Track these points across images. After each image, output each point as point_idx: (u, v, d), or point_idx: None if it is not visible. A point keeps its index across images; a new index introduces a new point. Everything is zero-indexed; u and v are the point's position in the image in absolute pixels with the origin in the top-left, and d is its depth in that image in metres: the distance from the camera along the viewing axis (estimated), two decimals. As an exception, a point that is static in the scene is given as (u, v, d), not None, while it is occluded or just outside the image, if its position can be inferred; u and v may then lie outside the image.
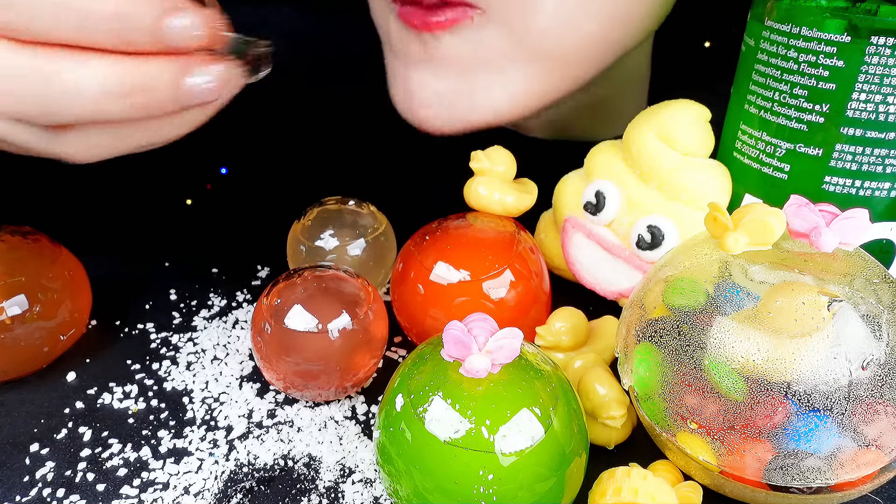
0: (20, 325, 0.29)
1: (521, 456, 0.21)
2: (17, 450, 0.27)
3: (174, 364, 0.32)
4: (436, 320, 0.30)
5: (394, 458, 0.22)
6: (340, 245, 0.33)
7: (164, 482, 0.26)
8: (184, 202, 0.49)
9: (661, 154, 0.30)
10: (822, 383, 0.21)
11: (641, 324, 0.25)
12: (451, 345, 0.22)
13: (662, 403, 0.24)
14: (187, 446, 0.28)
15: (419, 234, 0.32)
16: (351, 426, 0.29)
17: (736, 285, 0.23)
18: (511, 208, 0.32)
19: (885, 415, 0.21)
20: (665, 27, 0.37)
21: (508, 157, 0.32)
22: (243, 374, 0.32)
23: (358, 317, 0.28)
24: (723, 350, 0.22)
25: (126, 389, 0.30)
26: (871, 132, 0.26)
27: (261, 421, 0.29)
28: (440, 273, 0.29)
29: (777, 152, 0.28)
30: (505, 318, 0.29)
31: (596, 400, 0.26)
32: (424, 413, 0.22)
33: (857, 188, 0.27)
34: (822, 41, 0.26)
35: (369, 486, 0.26)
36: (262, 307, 0.28)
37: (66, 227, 0.35)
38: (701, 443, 0.23)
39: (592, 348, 0.30)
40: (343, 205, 0.35)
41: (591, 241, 0.33)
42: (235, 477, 0.26)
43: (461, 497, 0.21)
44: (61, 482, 0.26)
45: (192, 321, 0.35)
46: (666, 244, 0.30)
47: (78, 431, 0.28)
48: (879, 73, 0.25)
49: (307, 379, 0.28)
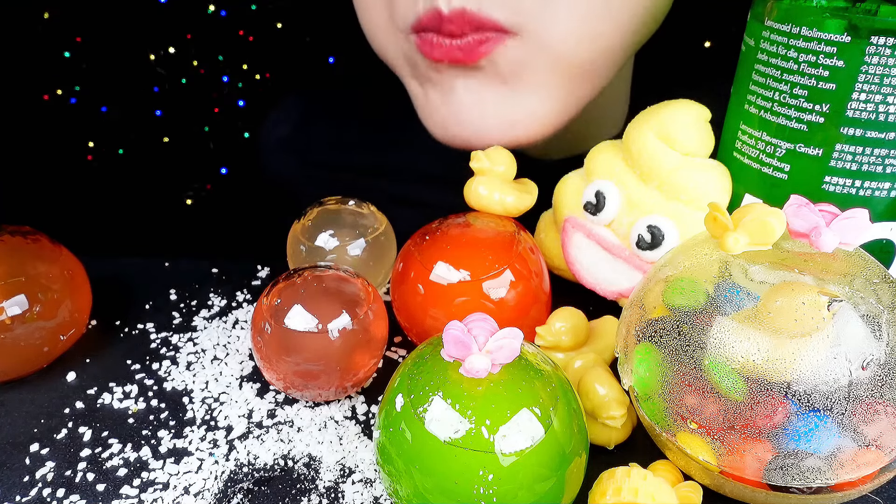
0: (20, 325, 0.29)
1: (521, 456, 0.21)
2: (17, 450, 0.27)
3: (174, 364, 0.32)
4: (436, 320, 0.30)
5: (394, 458, 0.22)
6: (340, 245, 0.33)
7: (164, 482, 0.26)
8: (184, 202, 0.49)
9: (661, 154, 0.30)
10: (822, 383, 0.21)
11: (641, 324, 0.25)
12: (451, 345, 0.22)
13: (662, 403, 0.24)
14: (187, 446, 0.28)
15: (419, 234, 0.32)
16: (351, 426, 0.29)
17: (736, 285, 0.23)
18: (511, 208, 0.32)
19: (885, 415, 0.21)
20: (665, 27, 0.37)
21: (508, 157, 0.32)
22: (243, 374, 0.32)
23: (358, 317, 0.28)
24: (723, 350, 0.22)
25: (126, 389, 0.30)
26: (871, 132, 0.26)
27: (261, 421, 0.29)
28: (440, 273, 0.29)
29: (777, 152, 0.28)
30: (505, 318, 0.29)
31: (596, 400, 0.26)
32: (424, 413, 0.21)
33: (857, 188, 0.27)
34: (822, 41, 0.26)
35: (369, 486, 0.26)
36: (262, 307, 0.28)
37: (66, 227, 0.36)
38: (701, 443, 0.23)
39: (592, 348, 0.30)
40: (343, 205, 0.35)
41: (591, 241, 0.33)
42: (235, 477, 0.26)
43: (461, 497, 0.21)
44: (61, 482, 0.26)
45: (192, 321, 0.35)
46: (666, 244, 0.30)
47: (78, 431, 0.28)
48: (879, 73, 0.25)
49: (307, 379, 0.28)
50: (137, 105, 0.52)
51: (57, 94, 0.51)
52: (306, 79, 0.52)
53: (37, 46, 0.50)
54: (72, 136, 0.52)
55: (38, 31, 0.49)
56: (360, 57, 0.38)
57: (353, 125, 0.49)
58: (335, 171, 0.48)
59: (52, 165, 0.52)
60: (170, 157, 0.53)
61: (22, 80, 0.50)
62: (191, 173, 0.53)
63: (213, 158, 0.53)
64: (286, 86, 0.52)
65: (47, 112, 0.51)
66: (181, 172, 0.53)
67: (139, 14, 0.49)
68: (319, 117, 0.50)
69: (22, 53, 0.50)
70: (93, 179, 0.52)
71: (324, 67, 0.52)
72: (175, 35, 0.50)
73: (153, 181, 0.53)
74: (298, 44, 0.51)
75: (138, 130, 0.52)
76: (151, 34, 0.50)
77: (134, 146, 0.52)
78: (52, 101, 0.51)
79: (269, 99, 0.52)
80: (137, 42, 0.50)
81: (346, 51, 0.50)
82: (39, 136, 0.52)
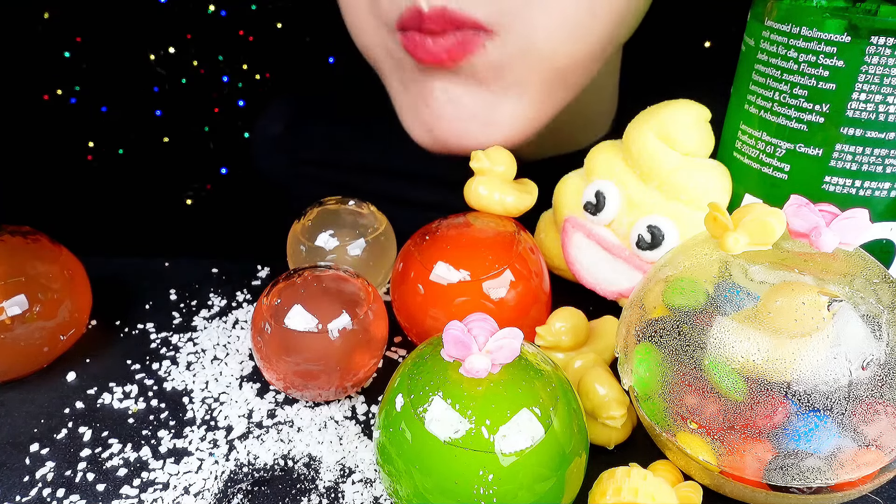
0: (20, 325, 0.29)
1: (521, 456, 0.21)
2: (17, 450, 0.27)
3: (174, 364, 0.32)
4: (436, 320, 0.30)
5: (394, 458, 0.22)
6: (340, 245, 0.33)
7: (164, 482, 0.26)
8: (184, 202, 0.49)
9: (661, 154, 0.30)
10: (822, 383, 0.21)
11: (641, 324, 0.25)
12: (451, 345, 0.22)
13: (662, 403, 0.24)
14: (187, 446, 0.28)
15: (419, 234, 0.32)
16: (351, 426, 0.29)
17: (736, 285, 0.23)
18: (511, 208, 0.32)
19: (885, 415, 0.21)
20: (666, 27, 0.37)
21: (508, 157, 0.32)
22: (243, 374, 0.32)
23: (358, 317, 0.28)
24: (723, 350, 0.22)
25: (126, 389, 0.30)
26: (871, 132, 0.26)
27: (261, 421, 0.29)
28: (440, 273, 0.29)
29: (777, 152, 0.28)
30: (505, 318, 0.29)
31: (596, 400, 0.26)
32: (424, 413, 0.21)
33: (857, 188, 0.27)
34: (822, 41, 0.26)
35: (369, 486, 0.26)
36: (262, 307, 0.28)
37: (66, 227, 0.36)
38: (701, 443, 0.23)
39: (592, 348, 0.30)
40: (343, 205, 0.35)
41: (591, 241, 0.33)
42: (235, 477, 0.26)
43: (461, 497, 0.21)
44: (61, 482, 0.26)
45: (192, 321, 0.35)
46: (666, 244, 0.30)
47: (78, 431, 0.28)
48: (879, 73, 0.25)
49: (307, 379, 0.28)
50: (137, 105, 0.52)
51: (57, 94, 0.51)
52: (306, 79, 0.52)
53: (37, 46, 0.50)
54: (72, 136, 0.52)
55: (38, 31, 0.49)
56: (359, 57, 0.38)
57: (348, 123, 0.49)
58: (328, 169, 0.48)
59: (52, 165, 0.52)
60: (170, 157, 0.53)
61: (22, 80, 0.50)
62: (191, 173, 0.53)
63: (213, 158, 0.53)
64: (286, 86, 0.52)
65: (47, 112, 0.51)
66: (181, 172, 0.53)
67: (139, 14, 0.49)
68: (313, 115, 0.49)
69: (22, 53, 0.50)
70: (93, 179, 0.52)
71: (324, 67, 0.52)
72: (175, 35, 0.50)
73: (153, 181, 0.53)
74: (298, 44, 0.51)
75: (138, 130, 0.52)
76: (151, 34, 0.50)
77: (134, 146, 0.52)
78: (52, 101, 0.51)
79: (270, 99, 0.52)
80: (137, 42, 0.50)
81: (346, 51, 0.50)
82: (39, 136, 0.52)
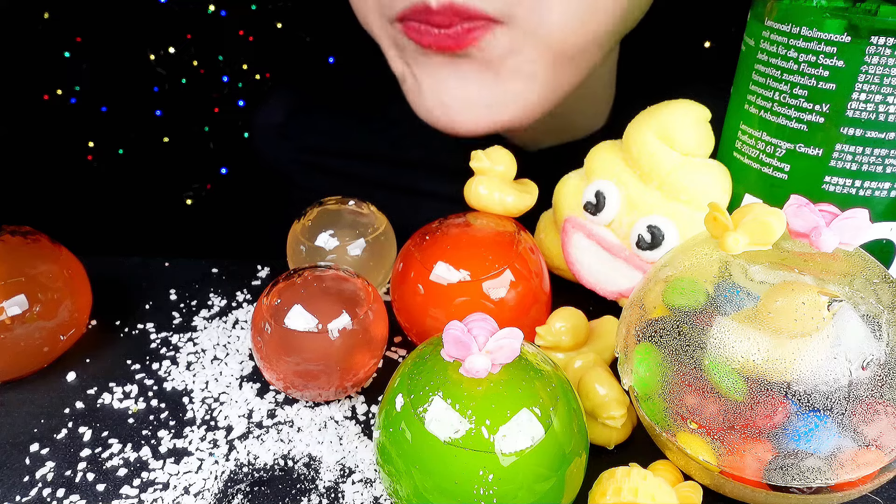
0: (20, 325, 0.29)
1: (521, 456, 0.21)
2: (17, 450, 0.27)
3: (174, 364, 0.32)
4: (436, 320, 0.30)
5: (394, 458, 0.22)
6: (340, 245, 0.33)
7: (164, 482, 0.26)
8: (184, 202, 0.49)
9: (660, 154, 0.30)
10: (822, 383, 0.21)
11: (641, 324, 0.25)
12: (451, 345, 0.22)
13: (662, 403, 0.24)
14: (187, 446, 0.28)
15: (419, 234, 0.32)
16: (351, 426, 0.29)
17: (736, 285, 0.23)
18: (511, 208, 0.32)
19: (885, 415, 0.21)
20: (665, 27, 0.37)
21: (508, 157, 0.32)
22: (243, 374, 0.32)
23: (358, 317, 0.28)
24: (723, 350, 0.22)
25: (126, 389, 0.30)
26: (871, 132, 0.26)
27: (261, 421, 0.29)
28: (440, 273, 0.29)
29: (777, 152, 0.28)
30: (505, 318, 0.29)
31: (596, 400, 0.26)
32: (424, 413, 0.21)
33: (857, 188, 0.27)
34: (822, 41, 0.26)
35: (369, 486, 0.26)
36: (262, 307, 0.28)
37: (66, 227, 0.36)
38: (701, 443, 0.23)
39: (592, 348, 0.30)
40: (343, 205, 0.35)
41: (591, 241, 0.33)
42: (235, 477, 0.26)
43: (461, 497, 0.21)
44: (61, 482, 0.26)
45: (192, 321, 0.35)
46: (666, 244, 0.30)
47: (78, 431, 0.28)
48: (879, 73, 0.25)
49: (307, 379, 0.28)
50: (137, 105, 0.52)
51: (57, 94, 0.51)
52: (306, 79, 0.52)
53: (37, 46, 0.50)
54: (72, 136, 0.52)
55: (38, 31, 0.49)
56: (359, 57, 0.38)
57: (350, 113, 0.49)
58: (331, 157, 0.48)
59: (52, 165, 0.52)
60: (170, 157, 0.53)
61: (22, 80, 0.50)
62: (191, 173, 0.53)
63: (213, 158, 0.53)
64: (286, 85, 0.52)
65: (47, 112, 0.51)
66: (181, 172, 0.53)
67: (139, 14, 0.49)
68: (316, 103, 0.49)
69: (22, 53, 0.50)
70: (93, 179, 0.52)
71: (324, 67, 0.52)
72: (175, 35, 0.50)
73: (153, 181, 0.53)
74: (298, 44, 0.51)
75: (138, 130, 0.52)
76: (151, 34, 0.50)
77: (134, 146, 0.52)
78: (52, 101, 0.51)
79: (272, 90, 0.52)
80: (137, 42, 0.50)
81: (345, 51, 0.50)
82: (39, 136, 0.52)
